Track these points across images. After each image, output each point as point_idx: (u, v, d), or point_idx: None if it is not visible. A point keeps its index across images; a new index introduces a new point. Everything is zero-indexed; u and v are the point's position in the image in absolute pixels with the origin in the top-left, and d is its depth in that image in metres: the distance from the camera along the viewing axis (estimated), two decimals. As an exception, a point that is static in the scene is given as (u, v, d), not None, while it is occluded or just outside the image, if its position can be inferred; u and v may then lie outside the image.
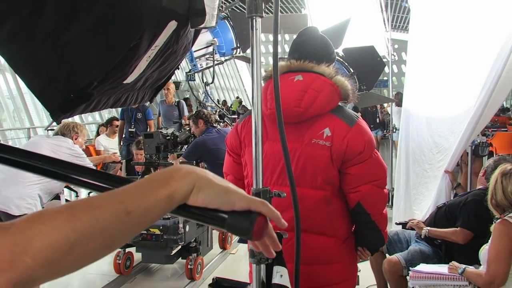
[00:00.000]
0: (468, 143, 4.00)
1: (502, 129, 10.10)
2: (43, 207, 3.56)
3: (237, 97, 24.01)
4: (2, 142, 8.74)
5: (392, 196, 5.42)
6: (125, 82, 1.69)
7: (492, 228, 2.69)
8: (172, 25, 1.62)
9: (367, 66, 3.65)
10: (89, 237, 0.56)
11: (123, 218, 0.58)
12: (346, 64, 3.56)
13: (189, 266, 4.24)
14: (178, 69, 2.16)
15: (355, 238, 2.05)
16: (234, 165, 2.16)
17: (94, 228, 0.56)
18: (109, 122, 8.08)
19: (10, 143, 10.60)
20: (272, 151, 1.89)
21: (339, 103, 2.00)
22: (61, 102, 1.52)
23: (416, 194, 4.61)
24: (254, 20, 1.52)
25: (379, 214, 1.95)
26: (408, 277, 3.14)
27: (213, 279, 1.89)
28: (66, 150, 3.52)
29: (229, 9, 4.27)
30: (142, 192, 0.61)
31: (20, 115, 12.42)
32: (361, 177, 1.87)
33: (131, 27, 1.49)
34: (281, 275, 1.48)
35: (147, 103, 7.09)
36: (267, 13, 1.45)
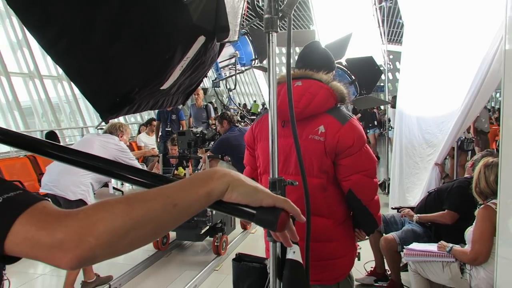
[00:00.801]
0: (455, 139, 3.93)
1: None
2: (94, 194, 3.60)
3: (255, 101, 24.01)
4: (59, 140, 8.87)
5: (389, 185, 5.35)
6: (161, 88, 1.68)
7: (476, 212, 2.63)
8: (201, 39, 1.62)
9: (367, 74, 3.62)
10: (143, 224, 0.58)
11: (171, 210, 0.60)
12: (349, 72, 3.53)
13: (215, 243, 4.26)
14: (206, 77, 2.16)
15: (353, 221, 2.03)
16: (250, 158, 2.18)
17: (146, 217, 0.58)
18: (149, 122, 8.22)
19: (67, 140, 10.80)
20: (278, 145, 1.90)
21: (338, 105, 1.98)
22: (108, 105, 1.53)
23: (408, 183, 4.55)
24: (270, 34, 1.51)
25: (370, 200, 1.91)
26: (402, 254, 3.10)
27: (236, 254, 1.88)
28: (113, 146, 3.54)
29: (249, 27, 4.27)
30: (187, 189, 0.63)
31: (75, 117, 12.62)
32: (352, 167, 1.86)
33: (166, 42, 1.49)
34: (293, 251, 1.47)
35: (180, 106, 7.13)
36: (281, 29, 1.45)
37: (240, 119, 6.06)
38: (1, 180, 0.60)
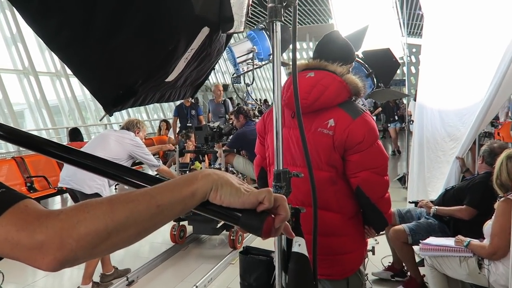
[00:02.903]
0: (477, 132, 3.80)
1: (509, 120, 9.57)
2: (116, 188, 3.64)
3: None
4: (82, 136, 9.05)
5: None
6: (166, 80, 1.67)
7: (496, 205, 2.53)
8: (205, 30, 1.58)
9: (384, 66, 3.53)
10: (125, 225, 0.56)
11: (154, 210, 0.58)
12: (366, 65, 3.45)
13: (231, 237, 4.26)
14: (214, 69, 2.14)
15: (363, 217, 1.95)
16: (260, 146, 2.16)
17: (129, 218, 0.56)
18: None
19: (92, 136, 11.04)
20: (287, 136, 1.85)
21: (353, 98, 1.91)
22: (112, 98, 1.52)
23: (430, 177, 4.43)
24: (274, 24, 1.46)
25: (379, 198, 1.83)
26: (416, 247, 3.00)
27: (243, 247, 1.86)
28: (129, 141, 3.57)
29: (266, 22, 4.23)
30: (171, 189, 0.61)
31: (99, 114, 12.84)
32: (360, 164, 1.78)
33: (168, 32, 1.46)
34: (299, 244, 1.44)
35: (201, 103, 7.18)
36: (300, 25, 1.40)
37: (257, 114, 6.04)
38: None
